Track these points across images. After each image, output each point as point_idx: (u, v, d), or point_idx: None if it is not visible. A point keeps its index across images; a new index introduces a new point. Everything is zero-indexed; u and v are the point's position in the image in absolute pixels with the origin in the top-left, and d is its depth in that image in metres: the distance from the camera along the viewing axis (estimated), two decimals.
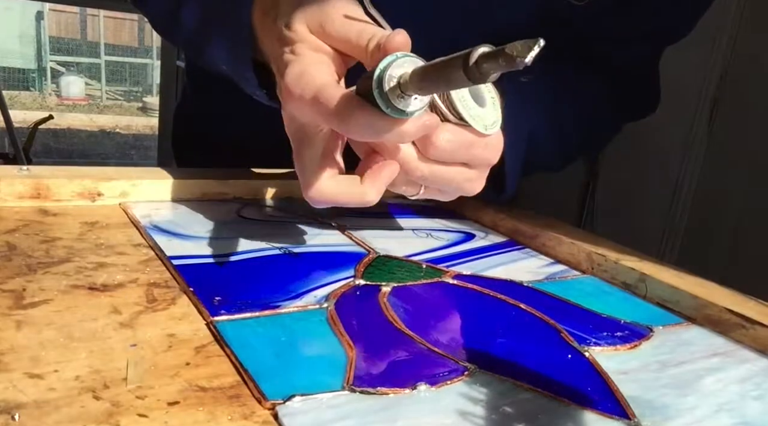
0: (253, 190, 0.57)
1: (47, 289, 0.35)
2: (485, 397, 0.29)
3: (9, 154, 2.79)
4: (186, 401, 0.26)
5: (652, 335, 0.39)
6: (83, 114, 6.53)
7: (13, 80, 7.17)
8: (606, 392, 0.31)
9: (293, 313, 0.36)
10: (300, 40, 0.38)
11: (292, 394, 0.27)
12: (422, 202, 0.64)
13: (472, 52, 0.26)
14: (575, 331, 0.38)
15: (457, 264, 0.47)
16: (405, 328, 0.35)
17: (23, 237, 0.41)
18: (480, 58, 0.26)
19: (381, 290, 0.40)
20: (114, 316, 0.33)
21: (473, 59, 0.26)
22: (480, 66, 0.26)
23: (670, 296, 0.44)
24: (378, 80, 0.32)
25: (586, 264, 0.50)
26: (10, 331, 0.30)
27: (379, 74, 0.33)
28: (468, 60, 0.26)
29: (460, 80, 0.28)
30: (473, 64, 0.26)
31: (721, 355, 0.37)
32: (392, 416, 0.27)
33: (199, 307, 0.35)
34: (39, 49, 7.28)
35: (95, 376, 0.27)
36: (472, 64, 0.26)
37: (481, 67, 0.26)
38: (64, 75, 7.33)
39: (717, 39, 0.96)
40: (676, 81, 0.98)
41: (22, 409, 0.24)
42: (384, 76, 0.32)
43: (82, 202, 0.49)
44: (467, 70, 0.26)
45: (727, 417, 0.30)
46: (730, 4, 0.95)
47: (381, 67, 0.33)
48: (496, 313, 0.39)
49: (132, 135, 6.09)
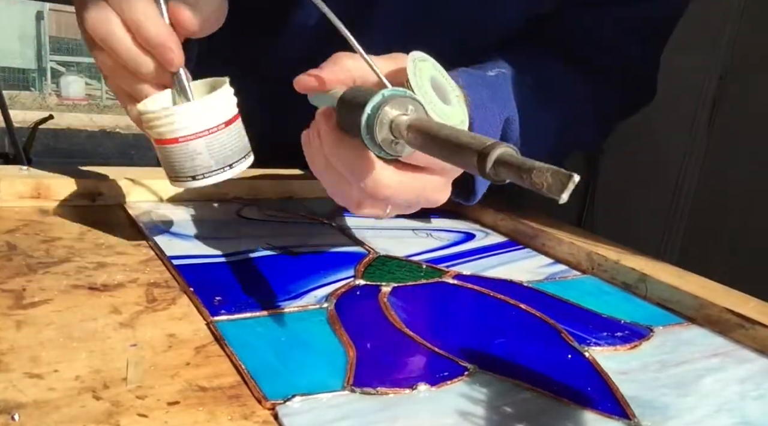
0: (253, 190, 0.57)
1: (47, 289, 0.35)
2: (485, 397, 0.29)
3: (9, 154, 2.79)
4: (186, 401, 0.26)
5: (652, 335, 0.39)
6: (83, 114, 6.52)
7: (13, 80, 7.17)
8: (606, 392, 0.31)
9: (293, 313, 0.36)
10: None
11: (292, 394, 0.27)
12: None
13: (490, 151, 0.24)
14: (575, 331, 0.38)
15: (457, 264, 0.47)
16: (405, 328, 0.35)
17: (23, 237, 0.41)
18: (498, 162, 0.24)
19: (381, 290, 0.40)
20: (114, 316, 0.33)
21: (491, 162, 0.24)
22: (497, 169, 0.24)
23: (670, 296, 0.44)
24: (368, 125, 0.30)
25: (586, 264, 0.50)
26: (10, 331, 0.30)
27: (369, 117, 0.30)
28: (485, 159, 0.24)
29: (469, 168, 0.25)
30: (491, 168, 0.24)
31: (721, 355, 0.37)
32: (392, 416, 0.27)
33: (199, 307, 0.35)
34: (39, 49, 7.28)
35: (95, 376, 0.27)
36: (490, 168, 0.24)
37: (498, 170, 0.24)
38: (64, 75, 7.33)
39: (717, 39, 0.96)
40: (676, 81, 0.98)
41: (22, 409, 0.24)
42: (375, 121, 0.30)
43: (82, 202, 0.50)
44: (482, 168, 0.24)
45: (727, 417, 0.30)
46: (730, 4, 0.95)
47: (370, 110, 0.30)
48: (496, 313, 0.39)
49: (132, 135, 6.08)
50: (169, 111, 0.36)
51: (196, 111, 0.36)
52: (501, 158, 0.24)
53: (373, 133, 0.30)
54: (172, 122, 0.36)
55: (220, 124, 0.36)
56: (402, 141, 0.30)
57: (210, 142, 0.36)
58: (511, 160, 0.23)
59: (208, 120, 0.36)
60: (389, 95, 0.30)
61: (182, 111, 0.36)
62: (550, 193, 0.22)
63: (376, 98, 0.30)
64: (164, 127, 0.36)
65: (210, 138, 0.36)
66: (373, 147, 0.31)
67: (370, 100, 0.30)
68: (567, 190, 0.21)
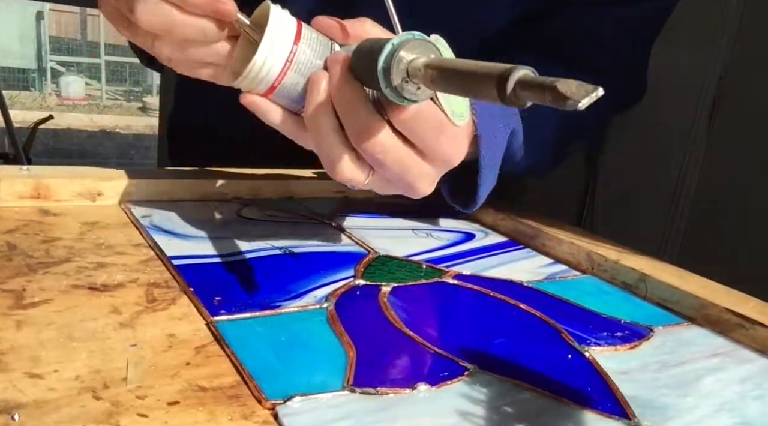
0: (253, 190, 0.57)
1: (47, 289, 0.35)
2: (485, 397, 0.29)
3: (9, 154, 2.79)
4: (186, 401, 0.26)
5: (652, 335, 0.39)
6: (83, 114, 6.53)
7: (13, 80, 7.17)
8: (606, 392, 0.31)
9: (293, 313, 0.36)
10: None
11: (292, 394, 0.27)
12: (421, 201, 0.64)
13: (510, 73, 0.24)
14: (575, 331, 0.38)
15: (457, 264, 0.47)
16: (405, 328, 0.35)
17: (23, 237, 0.41)
18: (519, 84, 0.24)
19: (381, 290, 0.40)
20: (114, 316, 0.33)
21: (511, 84, 0.24)
22: (517, 92, 0.24)
23: (670, 296, 0.44)
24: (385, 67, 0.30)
25: (586, 264, 0.50)
26: (10, 331, 0.30)
27: (387, 58, 0.29)
28: (506, 82, 0.24)
29: (489, 97, 0.25)
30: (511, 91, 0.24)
31: (721, 355, 0.37)
32: (392, 416, 0.27)
33: (199, 307, 0.35)
34: (39, 49, 7.28)
35: (95, 376, 0.27)
36: (510, 90, 0.24)
37: (519, 93, 0.24)
38: (64, 75, 7.33)
39: (717, 39, 0.96)
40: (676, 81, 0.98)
41: (22, 409, 0.24)
42: (392, 63, 0.29)
43: (82, 202, 0.49)
44: (502, 92, 0.24)
45: (727, 417, 0.30)
46: (730, 4, 0.95)
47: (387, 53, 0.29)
48: (496, 313, 0.39)
49: (132, 135, 6.09)
50: (247, 69, 0.35)
51: (265, 53, 0.34)
52: (522, 79, 0.23)
53: (390, 76, 0.29)
54: (257, 75, 0.35)
55: (291, 46, 0.34)
56: (420, 85, 0.30)
57: (297, 67, 0.35)
58: (532, 80, 0.23)
59: (281, 51, 0.35)
60: (405, 39, 0.29)
61: (256, 62, 0.35)
62: (572, 101, 0.22)
63: (393, 41, 0.30)
64: (257, 84, 0.35)
65: (294, 64, 0.35)
66: (389, 92, 0.30)
67: (386, 44, 0.30)
68: (590, 98, 0.22)
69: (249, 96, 0.36)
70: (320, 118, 0.35)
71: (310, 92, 0.35)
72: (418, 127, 0.34)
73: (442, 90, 0.30)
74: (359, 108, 0.33)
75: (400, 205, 0.60)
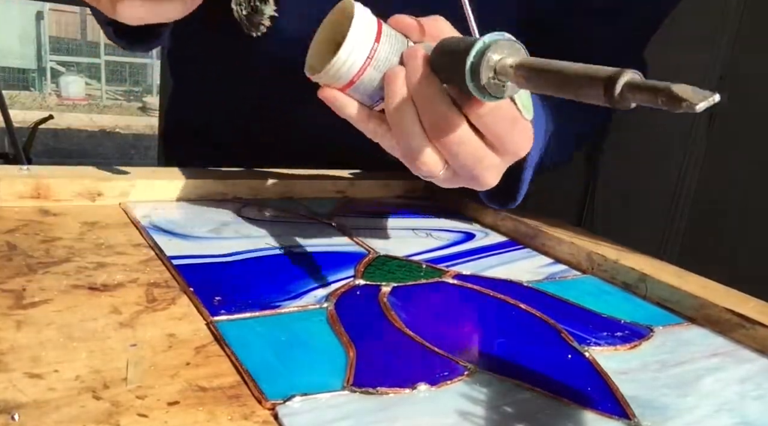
0: (253, 190, 0.57)
1: (47, 289, 0.35)
2: (485, 397, 0.29)
3: (9, 154, 2.79)
4: (186, 401, 0.26)
5: (652, 335, 0.39)
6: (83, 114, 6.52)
7: (13, 80, 7.17)
8: (606, 392, 0.31)
9: (293, 313, 0.36)
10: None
11: (292, 394, 0.27)
12: (421, 201, 0.64)
13: (619, 76, 0.24)
14: (575, 331, 0.38)
15: (457, 264, 0.47)
16: (405, 328, 0.35)
17: (23, 237, 0.41)
18: (627, 86, 0.24)
19: (381, 290, 0.40)
20: (114, 316, 0.33)
21: (620, 86, 0.24)
22: (624, 93, 0.24)
23: (670, 296, 0.44)
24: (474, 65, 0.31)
25: (586, 264, 0.50)
26: (10, 331, 0.30)
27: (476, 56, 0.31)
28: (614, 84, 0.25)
29: (593, 97, 0.26)
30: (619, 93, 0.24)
31: (721, 355, 0.37)
32: (392, 416, 0.27)
33: (199, 307, 0.35)
34: (39, 49, 7.28)
35: (95, 376, 0.27)
36: (618, 92, 0.24)
37: (626, 95, 0.24)
38: (64, 75, 7.33)
39: (717, 39, 0.96)
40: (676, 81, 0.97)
41: (22, 409, 0.24)
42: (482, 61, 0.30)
43: (82, 202, 0.50)
44: (609, 93, 0.25)
45: (727, 417, 0.30)
46: (730, 4, 0.95)
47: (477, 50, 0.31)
48: (496, 313, 0.39)
49: (132, 135, 6.08)
50: (330, 65, 0.35)
51: (348, 50, 0.35)
52: (630, 82, 0.24)
53: (479, 73, 0.31)
54: (338, 71, 0.36)
55: (373, 44, 0.35)
56: (507, 82, 0.31)
57: (376, 63, 0.36)
58: (642, 83, 0.24)
59: (363, 48, 0.35)
60: (494, 39, 0.31)
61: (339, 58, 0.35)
62: (688, 104, 0.22)
63: (484, 40, 0.31)
64: (337, 80, 0.36)
65: (374, 61, 0.36)
66: (474, 89, 0.31)
67: (476, 42, 0.31)
68: (707, 102, 0.22)
69: (328, 90, 0.37)
70: (402, 110, 0.36)
71: (390, 87, 0.36)
72: (494, 121, 0.35)
73: (534, 88, 0.30)
74: (438, 101, 0.35)
75: (400, 205, 0.60)
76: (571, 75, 0.27)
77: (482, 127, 0.36)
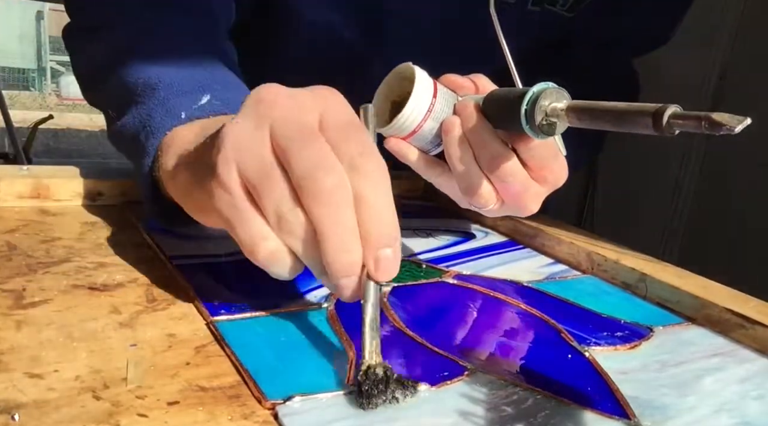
0: None
1: (47, 289, 0.35)
2: (485, 397, 0.29)
3: (9, 154, 2.79)
4: (186, 401, 0.26)
5: (652, 335, 0.39)
6: (83, 114, 6.52)
7: (13, 80, 7.17)
8: (606, 392, 0.31)
9: (293, 313, 0.36)
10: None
11: (292, 394, 0.27)
12: (421, 201, 0.64)
13: (665, 109, 0.29)
14: (575, 331, 0.38)
15: (457, 264, 0.47)
16: (405, 328, 0.35)
17: (23, 237, 0.41)
18: (673, 116, 0.29)
19: (381, 290, 0.40)
20: (114, 316, 0.33)
21: (666, 117, 0.29)
22: (670, 122, 0.29)
23: (670, 296, 0.44)
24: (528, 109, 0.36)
25: (586, 264, 0.50)
26: (10, 331, 0.30)
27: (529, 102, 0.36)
28: (661, 116, 0.29)
29: (643, 128, 0.30)
30: (667, 123, 0.29)
31: (721, 355, 0.37)
32: (392, 416, 0.27)
33: (199, 307, 0.35)
34: (39, 49, 7.28)
35: (95, 376, 0.27)
36: (666, 122, 0.29)
37: (672, 123, 0.29)
38: (64, 75, 7.33)
39: (717, 39, 0.96)
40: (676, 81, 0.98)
41: (22, 409, 0.24)
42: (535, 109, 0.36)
43: (82, 202, 0.50)
44: (658, 124, 0.29)
45: (727, 417, 0.30)
46: (730, 4, 0.95)
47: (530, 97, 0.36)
48: (497, 313, 0.39)
49: None
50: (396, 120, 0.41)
51: (412, 106, 0.41)
52: (676, 113, 0.29)
53: (534, 118, 0.36)
54: (402, 124, 0.41)
55: (431, 99, 0.41)
56: (556, 122, 0.36)
57: (434, 115, 0.41)
58: (685, 113, 0.29)
59: (423, 104, 0.41)
60: (543, 88, 0.36)
61: (404, 114, 0.41)
62: (727, 127, 0.27)
63: (533, 90, 0.36)
64: (401, 131, 0.42)
65: (432, 113, 0.41)
66: (531, 131, 0.37)
67: (528, 91, 0.36)
68: (742, 125, 0.27)
69: (393, 140, 0.42)
70: (460, 152, 0.41)
71: (448, 133, 0.41)
72: (541, 156, 0.40)
73: (589, 125, 0.35)
74: (491, 141, 0.40)
75: (401, 206, 0.60)
76: (622, 112, 0.32)
77: (530, 160, 0.41)
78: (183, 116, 0.40)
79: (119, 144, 0.46)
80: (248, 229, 0.30)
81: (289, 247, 0.30)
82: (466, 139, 0.41)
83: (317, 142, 0.30)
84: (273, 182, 0.29)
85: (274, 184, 0.29)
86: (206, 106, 0.41)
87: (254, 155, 0.30)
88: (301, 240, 0.30)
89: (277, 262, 0.31)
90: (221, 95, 0.42)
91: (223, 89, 0.43)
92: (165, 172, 0.39)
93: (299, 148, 0.29)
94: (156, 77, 0.43)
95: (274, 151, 0.30)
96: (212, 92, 0.42)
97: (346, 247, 0.29)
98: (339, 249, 0.29)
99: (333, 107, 0.32)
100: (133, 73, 0.44)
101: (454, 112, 0.42)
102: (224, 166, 0.30)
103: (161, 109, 0.41)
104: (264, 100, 0.31)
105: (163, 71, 0.43)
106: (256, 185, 0.30)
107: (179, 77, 0.43)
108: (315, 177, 0.29)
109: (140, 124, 0.42)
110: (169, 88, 0.42)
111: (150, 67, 0.44)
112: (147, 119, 0.41)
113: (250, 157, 0.30)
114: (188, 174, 0.36)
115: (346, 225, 0.29)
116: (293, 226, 0.30)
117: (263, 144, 0.30)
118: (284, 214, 0.29)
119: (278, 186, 0.29)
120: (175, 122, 0.40)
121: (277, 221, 0.30)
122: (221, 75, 0.45)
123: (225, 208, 0.31)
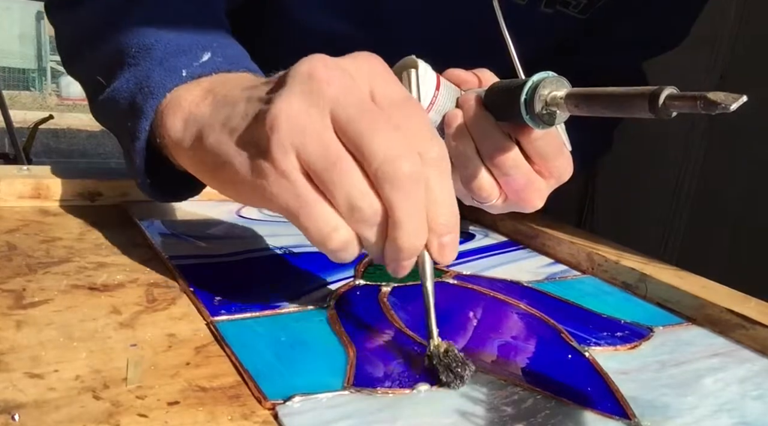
0: None
1: (47, 289, 0.35)
2: (485, 397, 0.29)
3: (9, 154, 2.79)
4: (186, 401, 0.26)
5: (652, 335, 0.39)
6: (83, 114, 6.52)
7: (13, 80, 7.17)
8: (606, 392, 0.31)
9: (293, 313, 0.36)
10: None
11: (292, 394, 0.27)
12: None
13: (661, 90, 0.29)
14: (575, 331, 0.38)
15: (457, 264, 0.47)
16: (405, 328, 0.35)
17: (23, 237, 0.41)
18: (669, 98, 0.28)
19: (381, 290, 0.40)
20: (114, 316, 0.33)
21: (662, 98, 0.28)
22: (667, 104, 0.28)
23: (670, 296, 0.44)
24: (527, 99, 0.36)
25: (586, 264, 0.50)
26: (10, 331, 0.30)
27: (528, 92, 0.36)
28: (657, 97, 0.29)
29: (640, 111, 0.30)
30: (662, 105, 0.28)
31: (721, 355, 0.37)
32: (392, 416, 0.27)
33: (199, 307, 0.35)
34: (39, 49, 7.28)
35: (95, 376, 0.27)
36: (662, 104, 0.28)
37: (669, 105, 0.28)
38: (64, 75, 7.32)
39: (717, 39, 0.96)
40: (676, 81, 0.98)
41: (22, 409, 0.24)
42: (535, 96, 0.35)
43: (82, 202, 0.50)
44: (654, 106, 0.29)
45: (727, 417, 0.30)
46: (730, 5, 0.95)
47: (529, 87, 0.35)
48: (496, 313, 0.39)
49: None
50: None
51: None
52: (672, 95, 0.28)
53: (533, 106, 0.36)
54: None
55: (434, 92, 0.41)
56: (557, 111, 0.36)
57: (437, 108, 0.41)
58: (682, 94, 0.28)
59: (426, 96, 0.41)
60: (542, 77, 0.36)
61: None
62: (723, 106, 0.26)
63: (533, 79, 0.36)
64: None
65: (435, 106, 0.41)
66: (531, 121, 0.36)
67: (527, 81, 0.36)
68: (737, 103, 0.26)
69: None
70: (462, 144, 0.41)
71: (450, 125, 0.41)
72: (544, 148, 0.40)
73: (587, 112, 0.34)
74: (493, 133, 0.40)
75: None
76: (619, 95, 0.31)
77: (533, 152, 0.40)
78: (184, 74, 0.37)
79: (108, 113, 0.42)
80: (317, 219, 0.29)
81: (359, 234, 0.30)
82: (468, 132, 0.40)
83: (387, 125, 0.29)
84: (343, 170, 0.28)
85: (345, 172, 0.28)
86: (208, 62, 0.38)
87: (317, 140, 0.28)
88: (374, 227, 0.29)
89: (347, 251, 0.30)
90: (223, 52, 0.39)
91: (224, 46, 0.40)
92: (172, 138, 0.35)
93: (371, 135, 0.28)
94: (152, 37, 0.40)
95: (336, 134, 0.29)
96: (212, 50, 0.39)
97: (418, 233, 0.30)
98: (413, 235, 0.29)
99: (381, 76, 0.31)
100: (124, 37, 0.40)
101: (456, 106, 0.42)
102: (281, 151, 0.29)
103: (160, 68, 0.38)
104: (315, 76, 0.29)
105: (158, 33, 0.40)
106: (321, 172, 0.29)
107: (176, 37, 0.40)
108: (394, 164, 0.28)
109: (136, 86, 0.38)
110: (166, 47, 0.39)
111: (144, 28, 0.40)
112: (144, 80, 0.38)
113: (312, 142, 0.28)
114: (214, 144, 0.33)
115: (422, 211, 0.29)
116: (367, 214, 0.29)
117: (326, 128, 0.29)
118: (357, 201, 0.29)
119: (349, 174, 0.29)
120: (177, 81, 0.37)
121: (349, 210, 0.29)
122: (220, 35, 0.42)
123: (285, 195, 0.29)
